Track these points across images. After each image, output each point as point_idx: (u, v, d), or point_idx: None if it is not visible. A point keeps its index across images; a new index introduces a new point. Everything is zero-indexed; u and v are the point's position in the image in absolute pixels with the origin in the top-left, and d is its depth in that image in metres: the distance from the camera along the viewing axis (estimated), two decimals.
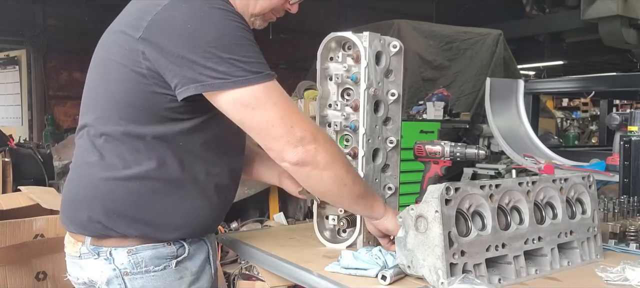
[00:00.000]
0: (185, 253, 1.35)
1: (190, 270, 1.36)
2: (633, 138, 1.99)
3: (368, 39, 1.47)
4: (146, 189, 1.28)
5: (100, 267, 1.30)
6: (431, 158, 1.68)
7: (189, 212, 1.33)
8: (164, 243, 1.32)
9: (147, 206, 1.29)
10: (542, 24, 9.45)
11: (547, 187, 1.37)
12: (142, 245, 1.30)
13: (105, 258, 1.30)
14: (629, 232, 1.55)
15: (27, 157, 4.56)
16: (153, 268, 1.30)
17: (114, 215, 1.28)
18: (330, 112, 1.54)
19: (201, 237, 1.40)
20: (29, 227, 3.17)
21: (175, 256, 1.33)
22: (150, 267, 1.30)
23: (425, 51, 6.57)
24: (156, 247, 1.31)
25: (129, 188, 1.28)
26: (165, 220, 1.31)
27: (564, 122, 11.43)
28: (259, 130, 1.23)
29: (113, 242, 1.30)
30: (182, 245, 1.35)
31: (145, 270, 1.30)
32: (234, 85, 1.18)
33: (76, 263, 1.36)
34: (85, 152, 1.33)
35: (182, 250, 1.35)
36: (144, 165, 1.27)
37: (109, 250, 1.29)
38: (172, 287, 1.33)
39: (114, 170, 1.28)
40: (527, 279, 1.26)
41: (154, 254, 1.31)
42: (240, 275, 3.43)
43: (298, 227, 1.90)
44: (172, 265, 1.33)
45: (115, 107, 1.28)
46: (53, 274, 3.26)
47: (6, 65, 8.01)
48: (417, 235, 1.17)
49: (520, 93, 3.92)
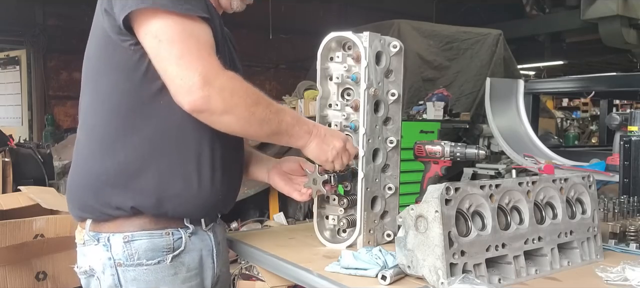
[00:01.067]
0: (182, 246, 1.33)
1: (187, 265, 1.35)
2: (633, 138, 1.99)
3: (368, 39, 1.47)
4: (138, 157, 1.28)
5: (99, 254, 1.31)
6: (431, 158, 1.68)
7: (182, 183, 1.31)
8: (161, 231, 1.31)
9: (139, 174, 1.28)
10: (542, 24, 9.46)
11: (547, 187, 1.37)
12: (138, 232, 1.29)
13: (104, 244, 1.30)
14: (629, 232, 1.55)
15: (27, 157, 4.56)
16: (146, 261, 1.29)
17: (108, 187, 1.28)
18: (331, 112, 1.54)
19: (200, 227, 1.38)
20: (29, 227, 3.17)
21: (172, 249, 1.32)
22: (144, 260, 1.29)
23: (425, 51, 6.57)
24: (152, 236, 1.30)
25: (119, 158, 1.28)
26: (160, 189, 1.29)
27: (564, 122, 11.43)
28: (159, 68, 1.21)
29: (111, 227, 1.30)
30: (180, 236, 1.33)
31: (138, 262, 1.29)
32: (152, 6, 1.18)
33: (80, 251, 1.37)
34: (79, 136, 1.37)
35: (179, 242, 1.33)
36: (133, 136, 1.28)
37: (108, 236, 1.30)
38: (165, 282, 1.31)
39: (104, 144, 1.29)
40: (527, 279, 1.26)
41: (149, 245, 1.29)
42: (240, 275, 3.43)
43: (298, 227, 1.90)
44: (167, 260, 1.31)
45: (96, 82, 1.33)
46: (53, 274, 3.26)
47: (6, 65, 8.02)
48: (417, 235, 1.17)
49: (520, 93, 3.93)
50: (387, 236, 1.56)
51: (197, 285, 1.39)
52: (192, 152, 1.32)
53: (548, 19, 9.35)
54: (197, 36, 1.22)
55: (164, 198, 1.29)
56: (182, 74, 1.17)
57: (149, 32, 1.20)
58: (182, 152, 1.31)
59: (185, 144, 1.31)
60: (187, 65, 1.17)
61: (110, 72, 1.29)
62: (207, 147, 1.34)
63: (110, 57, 1.28)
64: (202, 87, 1.17)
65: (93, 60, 1.34)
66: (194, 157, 1.32)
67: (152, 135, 1.29)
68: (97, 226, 1.32)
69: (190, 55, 1.18)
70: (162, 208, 1.30)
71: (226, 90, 1.21)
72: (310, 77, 6.38)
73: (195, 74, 1.17)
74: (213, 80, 1.19)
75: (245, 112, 1.24)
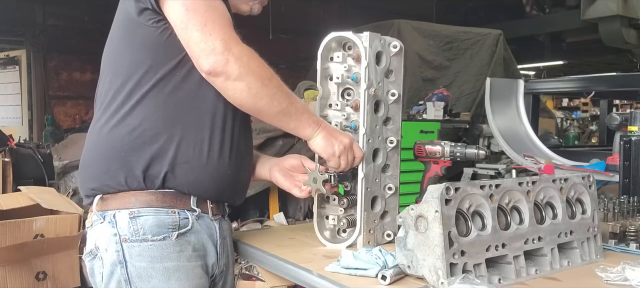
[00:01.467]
0: (188, 225, 1.34)
1: (193, 245, 1.35)
2: (633, 138, 1.99)
3: (368, 39, 1.47)
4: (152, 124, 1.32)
5: (104, 231, 1.32)
6: (431, 158, 1.68)
7: (193, 151, 1.33)
8: (168, 209, 1.32)
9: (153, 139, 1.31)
10: (542, 24, 9.46)
11: (547, 187, 1.37)
12: (144, 208, 1.31)
13: (109, 221, 1.31)
14: (629, 232, 1.55)
15: (27, 157, 4.56)
16: (151, 237, 1.30)
17: (122, 152, 1.31)
18: (331, 112, 1.54)
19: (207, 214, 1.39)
20: (29, 227, 3.17)
21: (178, 226, 1.33)
22: (149, 235, 1.30)
23: (425, 51, 6.57)
24: (158, 213, 1.31)
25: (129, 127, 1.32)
26: (172, 155, 1.31)
27: (564, 122, 11.44)
28: (183, 34, 1.28)
29: (117, 203, 1.32)
30: (187, 216, 1.35)
31: (143, 238, 1.30)
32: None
33: (89, 234, 1.38)
34: (96, 116, 1.41)
35: (185, 221, 1.34)
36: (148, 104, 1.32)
37: (113, 213, 1.32)
38: (170, 258, 1.31)
39: (119, 113, 1.33)
40: (527, 279, 1.26)
41: (154, 221, 1.31)
42: (240, 275, 3.43)
43: (298, 227, 1.90)
44: (172, 236, 1.32)
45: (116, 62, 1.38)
46: (53, 274, 3.26)
47: (6, 65, 8.01)
48: (417, 235, 1.17)
49: (520, 93, 3.93)
50: (387, 236, 1.56)
51: (202, 266, 1.38)
52: (206, 123, 1.35)
53: (548, 19, 9.35)
54: (219, 10, 1.29)
55: (175, 165, 1.32)
56: (206, 38, 1.25)
57: (177, 1, 1.26)
58: (196, 121, 1.34)
59: (199, 114, 1.35)
60: (210, 30, 1.25)
61: (129, 48, 1.35)
62: (220, 120, 1.37)
63: (131, 36, 1.34)
64: (223, 52, 1.24)
65: (114, 42, 1.40)
66: (207, 127, 1.35)
67: (166, 104, 1.32)
68: (103, 204, 1.34)
69: (213, 24, 1.26)
70: (173, 174, 1.32)
71: (244, 57, 1.27)
72: (310, 77, 6.37)
73: (217, 39, 1.24)
74: (233, 47, 1.26)
75: (259, 82, 1.28)
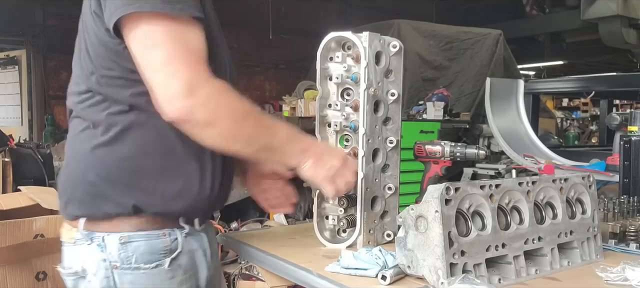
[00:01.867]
0: (178, 247, 1.28)
1: (183, 268, 1.31)
2: (633, 138, 1.99)
3: (368, 39, 1.47)
4: (141, 153, 1.23)
5: (92, 254, 1.25)
6: (431, 158, 1.68)
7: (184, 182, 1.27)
8: (158, 231, 1.26)
9: (142, 171, 1.24)
10: (542, 24, 9.47)
11: (547, 187, 1.37)
12: (135, 233, 1.24)
13: (98, 244, 1.24)
14: (629, 232, 1.55)
15: (27, 157, 4.56)
16: (144, 265, 1.24)
17: (108, 183, 1.23)
18: (330, 112, 1.54)
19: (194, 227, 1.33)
20: (29, 227, 3.17)
21: (169, 251, 1.27)
22: (141, 263, 1.24)
23: (425, 51, 6.57)
24: (149, 238, 1.25)
25: (121, 154, 1.23)
26: (163, 187, 1.25)
27: (564, 122, 11.43)
28: (144, 75, 1.13)
29: (107, 226, 1.24)
30: (176, 237, 1.28)
31: (135, 266, 1.24)
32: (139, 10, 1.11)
33: (70, 251, 1.30)
34: (74, 128, 1.31)
35: (175, 243, 1.28)
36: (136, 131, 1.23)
37: (102, 236, 1.24)
38: (163, 286, 1.27)
39: (105, 139, 1.24)
40: (527, 279, 1.26)
41: (146, 248, 1.25)
42: (240, 275, 3.43)
43: (298, 227, 1.89)
44: (164, 263, 1.26)
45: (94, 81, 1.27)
46: (53, 274, 3.26)
47: (6, 65, 8.01)
48: (417, 235, 1.17)
49: (520, 93, 3.93)
50: (387, 236, 1.56)
51: (193, 286, 1.35)
52: (194, 151, 1.26)
53: (548, 19, 9.35)
54: (186, 40, 1.14)
55: (166, 197, 1.25)
56: (166, 82, 1.10)
57: (134, 37, 1.13)
58: (185, 150, 1.26)
59: (187, 142, 1.22)
60: (171, 72, 1.10)
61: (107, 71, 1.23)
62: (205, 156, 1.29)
63: (108, 60, 1.23)
64: (186, 96, 1.10)
65: (88, 59, 1.28)
66: (195, 155, 1.27)
67: (155, 131, 1.23)
68: (91, 225, 1.25)
69: (175, 62, 1.11)
70: (164, 206, 1.26)
71: (212, 100, 1.13)
72: (310, 77, 6.38)
73: (179, 82, 1.10)
74: (198, 89, 1.11)
75: (231, 124, 1.17)
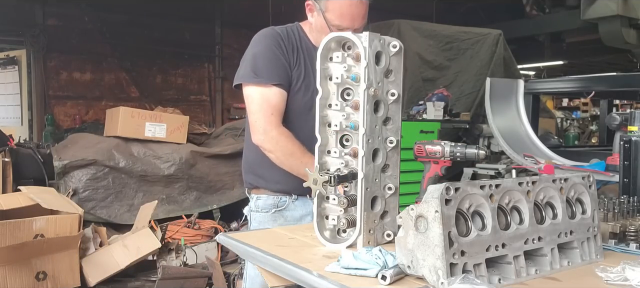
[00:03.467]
0: (284, 205, 2.13)
1: (285, 217, 2.13)
2: (633, 138, 1.99)
3: (368, 39, 1.47)
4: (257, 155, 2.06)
5: (250, 205, 2.21)
6: (431, 158, 1.68)
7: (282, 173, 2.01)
8: (272, 196, 2.13)
9: (260, 165, 2.09)
10: (542, 24, 9.46)
11: (547, 187, 1.37)
12: (262, 194, 2.15)
13: (251, 200, 2.20)
14: (629, 232, 1.55)
15: (27, 157, 4.56)
16: (263, 210, 2.15)
17: (250, 172, 2.18)
18: (331, 112, 1.54)
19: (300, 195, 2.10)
20: (29, 227, 3.17)
21: (276, 206, 2.13)
22: (262, 210, 2.15)
23: (425, 51, 6.57)
24: (269, 197, 2.14)
25: (253, 153, 2.09)
26: (269, 176, 2.09)
27: (564, 122, 11.44)
28: (248, 115, 2.05)
29: (252, 192, 2.19)
30: (285, 200, 2.12)
31: (259, 211, 2.16)
32: (243, 80, 2.04)
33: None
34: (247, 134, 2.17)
35: (282, 202, 2.13)
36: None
37: (252, 196, 2.19)
38: (269, 223, 2.12)
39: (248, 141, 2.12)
40: (527, 279, 1.26)
41: (265, 202, 2.14)
42: (240, 275, 3.43)
43: (298, 227, 1.90)
44: (271, 211, 2.14)
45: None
46: (53, 274, 3.27)
47: (6, 65, 8.00)
48: (417, 235, 1.17)
49: (520, 93, 3.93)
50: (387, 236, 1.56)
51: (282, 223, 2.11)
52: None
53: (548, 19, 9.35)
54: (268, 99, 1.99)
55: (270, 181, 2.12)
56: (254, 122, 2.01)
57: (244, 94, 2.05)
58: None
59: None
60: (256, 118, 2.00)
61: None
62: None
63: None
64: (261, 134, 2.00)
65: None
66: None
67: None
68: (249, 191, 2.22)
69: (259, 113, 1.99)
70: (273, 187, 2.12)
71: (273, 140, 1.98)
72: None
73: (260, 126, 1.99)
74: (270, 132, 1.98)
75: (282, 157, 1.99)
